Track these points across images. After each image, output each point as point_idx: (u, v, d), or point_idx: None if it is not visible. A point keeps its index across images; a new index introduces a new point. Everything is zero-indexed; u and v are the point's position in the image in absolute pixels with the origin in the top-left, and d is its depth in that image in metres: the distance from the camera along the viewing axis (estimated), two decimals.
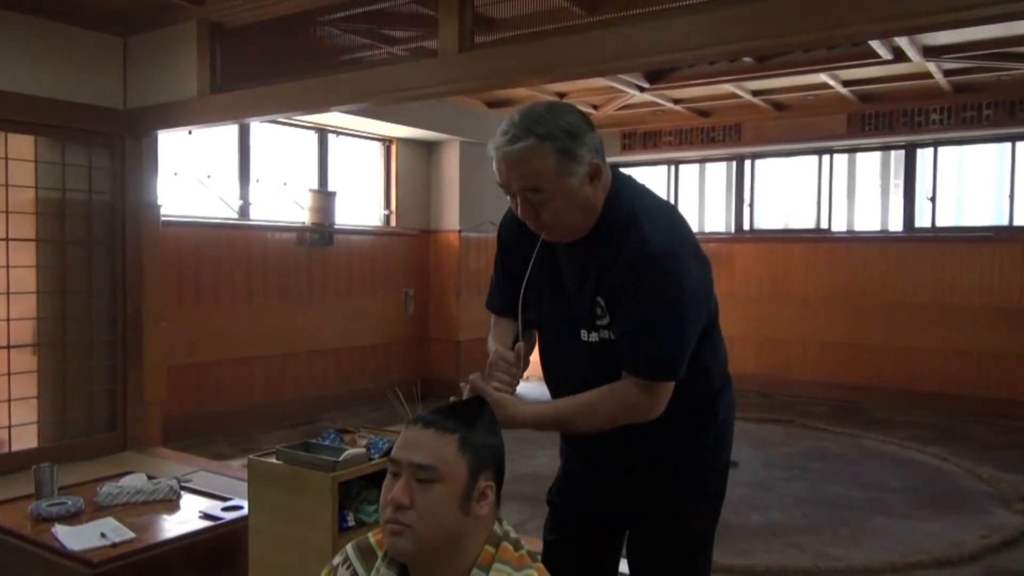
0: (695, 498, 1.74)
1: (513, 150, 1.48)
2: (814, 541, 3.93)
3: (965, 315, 6.88)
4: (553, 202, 1.51)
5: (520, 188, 1.52)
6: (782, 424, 6.52)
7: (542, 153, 1.47)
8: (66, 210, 4.42)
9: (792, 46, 4.15)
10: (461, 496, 1.23)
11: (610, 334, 1.58)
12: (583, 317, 1.60)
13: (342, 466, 2.29)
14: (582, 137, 1.50)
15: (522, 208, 1.55)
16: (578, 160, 1.49)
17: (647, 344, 1.52)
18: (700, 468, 1.73)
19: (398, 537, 1.22)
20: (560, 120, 1.49)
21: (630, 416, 1.55)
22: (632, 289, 1.51)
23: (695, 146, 8.03)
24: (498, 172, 1.54)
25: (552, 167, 1.48)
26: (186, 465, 4.23)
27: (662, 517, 1.72)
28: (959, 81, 6.27)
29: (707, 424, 1.71)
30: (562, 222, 1.55)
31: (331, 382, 6.74)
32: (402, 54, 4.27)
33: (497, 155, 1.52)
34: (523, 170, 1.49)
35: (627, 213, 1.56)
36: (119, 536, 2.55)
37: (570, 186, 1.50)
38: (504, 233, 1.78)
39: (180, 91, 4.37)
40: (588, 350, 1.60)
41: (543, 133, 1.47)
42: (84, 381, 4.53)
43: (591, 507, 1.79)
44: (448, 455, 1.24)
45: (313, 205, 6.45)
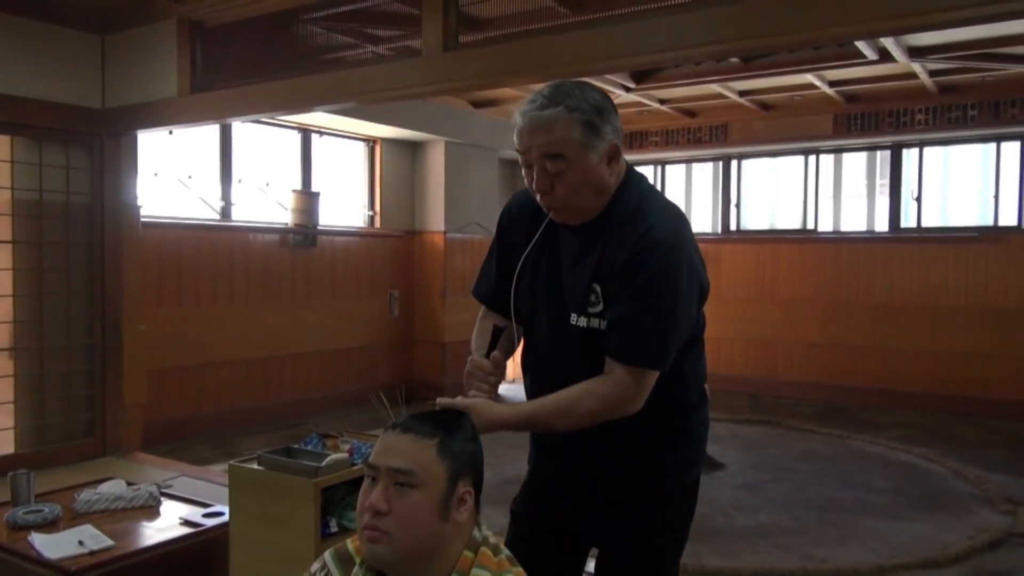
0: (665, 513, 1.72)
1: (541, 115, 1.51)
2: (801, 543, 3.93)
3: (951, 315, 6.92)
4: (570, 173, 1.53)
5: (540, 155, 1.53)
6: (769, 425, 6.54)
7: (569, 123, 1.50)
8: (43, 211, 4.35)
9: (778, 46, 4.15)
10: (440, 502, 1.22)
11: (599, 323, 1.57)
12: (576, 301, 1.60)
13: (324, 472, 2.27)
14: (607, 116, 1.54)
15: (538, 178, 1.55)
16: (601, 136, 1.53)
17: (639, 328, 1.53)
18: (671, 482, 1.72)
19: (376, 544, 1.21)
20: (589, 96, 1.53)
21: (610, 411, 1.53)
22: (632, 274, 1.52)
23: (681, 146, 8.05)
24: (519, 138, 1.55)
25: (576, 138, 1.51)
26: (166, 470, 4.18)
27: (631, 532, 1.69)
28: (944, 82, 6.31)
29: (681, 438, 1.70)
30: (574, 199, 1.56)
31: (314, 385, 6.69)
32: (386, 53, 4.24)
33: (523, 120, 1.53)
34: (547, 137, 1.51)
35: (636, 204, 1.59)
36: (97, 544, 2.53)
37: (589, 161, 1.53)
38: (508, 219, 1.77)
39: (160, 90, 4.31)
40: (575, 335, 1.60)
41: (572, 105, 1.51)
42: (62, 385, 4.46)
43: (556, 519, 1.76)
44: (427, 460, 1.23)
45: (296, 206, 6.41)
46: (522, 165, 1.59)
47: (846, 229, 7.75)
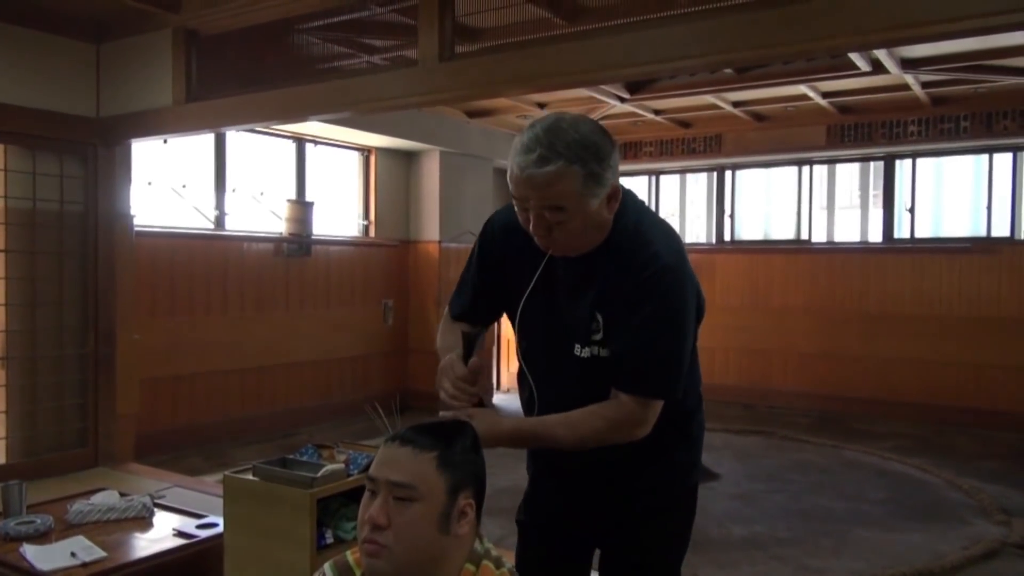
0: (667, 517, 1.72)
1: (540, 173, 1.42)
2: (796, 553, 3.93)
3: (944, 325, 6.94)
4: (572, 222, 1.48)
5: (539, 207, 1.47)
6: (763, 436, 6.54)
7: (570, 176, 1.43)
8: (36, 220, 4.33)
9: (772, 58, 4.17)
10: (440, 515, 1.21)
11: (600, 350, 1.55)
12: (578, 331, 1.57)
13: (320, 482, 2.25)
14: (608, 160, 1.47)
15: (535, 224, 1.50)
16: (602, 183, 1.47)
17: (650, 360, 1.51)
18: (674, 487, 1.73)
19: (376, 558, 1.20)
20: (588, 141, 1.44)
21: (618, 435, 1.53)
22: (639, 304, 1.50)
23: (676, 156, 8.06)
24: (515, 187, 1.48)
25: (577, 190, 1.44)
26: (159, 481, 4.16)
27: (634, 536, 1.70)
28: (937, 93, 6.34)
29: (680, 443, 1.70)
30: (575, 241, 1.52)
31: (308, 395, 6.66)
32: (382, 63, 4.25)
33: (521, 174, 1.45)
34: (548, 191, 1.44)
35: (633, 228, 1.55)
36: (90, 555, 2.51)
37: (590, 207, 1.47)
38: (494, 237, 1.71)
39: (155, 99, 4.31)
40: (579, 365, 1.58)
41: (572, 156, 1.42)
42: (54, 395, 4.43)
43: (561, 526, 1.76)
44: (426, 473, 1.21)
45: (290, 215, 6.39)
46: (516, 207, 1.54)
47: (839, 239, 7.78)
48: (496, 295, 1.72)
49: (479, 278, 1.73)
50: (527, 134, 1.46)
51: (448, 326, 1.77)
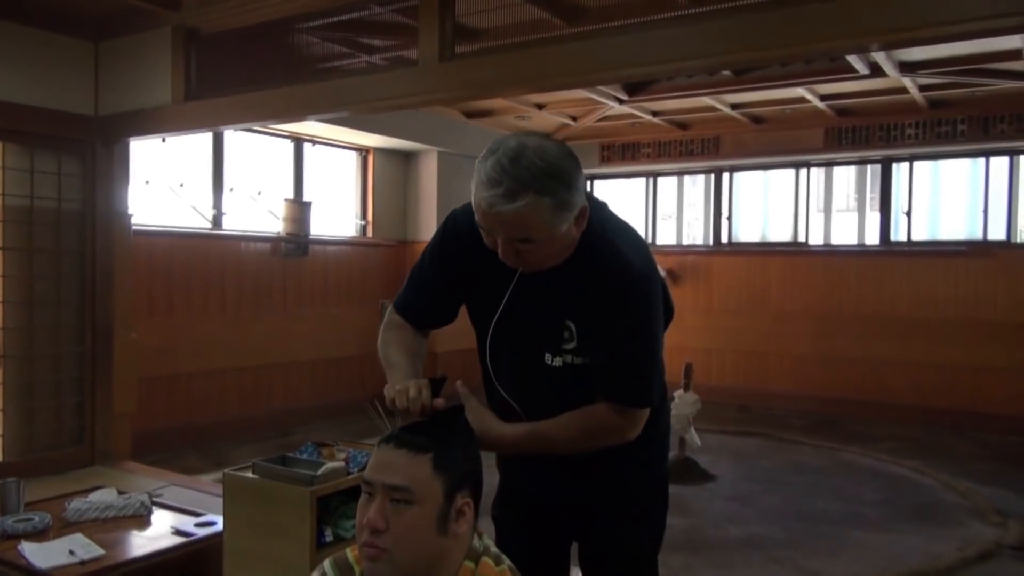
0: (641, 509, 1.75)
1: (509, 210, 1.37)
2: (793, 555, 3.92)
3: (940, 328, 6.95)
4: (542, 249, 1.46)
5: (507, 239, 1.44)
6: (760, 437, 6.53)
7: (539, 209, 1.39)
8: (34, 218, 4.32)
9: (770, 60, 4.18)
10: (437, 517, 1.21)
11: (573, 359, 1.56)
12: (548, 340, 1.57)
13: (320, 480, 2.25)
14: (576, 183, 1.43)
15: (503, 251, 1.46)
16: (571, 209, 1.44)
17: (632, 371, 1.54)
18: (646, 479, 1.75)
19: (375, 561, 1.20)
20: (554, 168, 1.39)
21: (610, 438, 1.56)
22: (617, 314, 1.50)
23: (673, 158, 8.06)
24: (482, 219, 1.43)
25: (547, 220, 1.41)
26: (157, 480, 4.14)
27: (609, 529, 1.72)
28: (934, 96, 6.35)
29: (651, 436, 1.69)
30: (545, 262, 1.51)
31: (306, 394, 6.65)
32: (381, 63, 4.25)
33: (489, 210, 1.39)
34: (516, 225, 1.40)
35: (600, 236, 1.53)
36: (88, 553, 2.51)
37: (559, 232, 1.45)
38: (457, 238, 1.63)
39: (153, 98, 4.30)
40: (552, 374, 1.57)
41: (540, 188, 1.37)
42: (51, 393, 4.42)
43: (536, 520, 1.77)
44: (422, 476, 1.21)
45: (288, 215, 6.39)
46: (483, 233, 1.48)
47: (836, 242, 7.81)
48: (456, 297, 1.69)
49: (440, 278, 1.68)
50: (490, 162, 1.39)
51: (395, 335, 1.69)
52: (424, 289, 1.70)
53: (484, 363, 1.67)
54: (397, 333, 1.69)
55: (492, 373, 1.65)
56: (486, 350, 1.65)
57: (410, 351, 1.65)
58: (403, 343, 1.67)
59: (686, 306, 7.80)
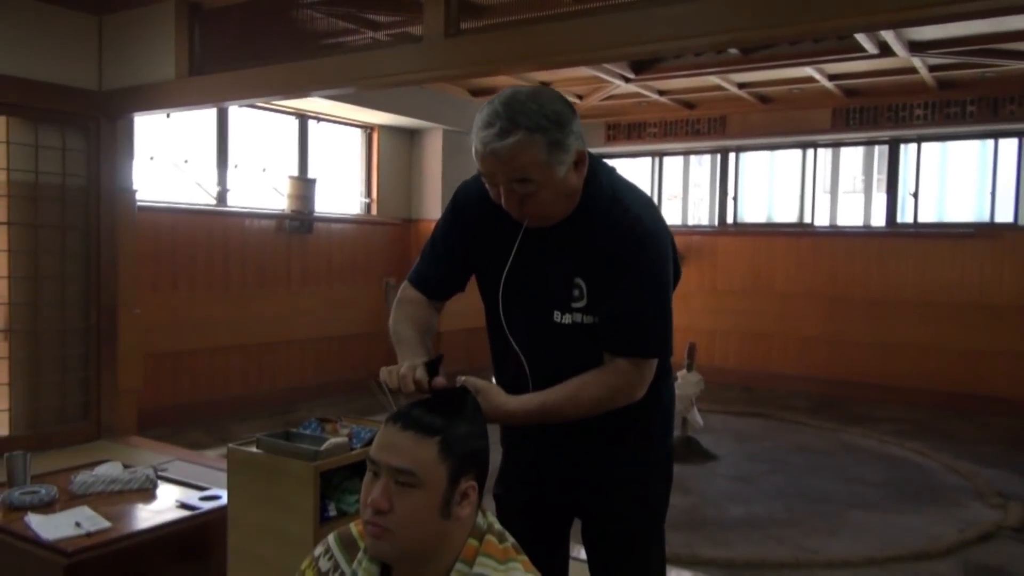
0: (644, 484, 1.73)
1: (503, 146, 1.43)
2: (793, 534, 3.94)
3: (945, 311, 6.93)
4: (540, 192, 1.48)
5: (507, 180, 1.48)
6: (763, 418, 6.53)
7: (532, 146, 1.43)
8: (39, 193, 4.32)
9: (779, 38, 4.15)
10: (441, 502, 1.21)
11: (583, 317, 1.56)
12: (557, 299, 1.58)
13: (324, 455, 2.24)
14: (569, 125, 1.48)
15: (506, 198, 1.51)
16: (566, 150, 1.47)
17: (644, 321, 1.54)
18: (650, 454, 1.74)
19: (379, 540, 1.20)
20: (547, 109, 1.45)
21: (618, 399, 1.55)
22: (627, 268, 1.51)
23: (680, 138, 8.02)
24: (481, 164, 1.50)
25: (543, 159, 1.45)
26: (162, 454, 4.16)
27: (612, 505, 1.71)
28: (944, 77, 6.29)
29: (653, 408, 1.69)
30: (547, 211, 1.53)
31: (309, 372, 6.67)
32: (385, 39, 4.20)
33: (484, 149, 1.46)
34: (513, 164, 1.45)
35: (608, 194, 1.56)
36: (94, 525, 2.50)
37: (557, 175, 1.48)
38: (467, 207, 1.68)
39: (157, 73, 4.28)
40: (562, 332, 1.58)
41: (533, 126, 1.43)
42: (57, 368, 4.44)
43: (538, 497, 1.76)
44: (427, 460, 1.20)
45: (293, 192, 6.38)
46: (486, 183, 1.54)
47: (842, 224, 7.75)
48: (469, 266, 1.71)
49: (454, 248, 1.70)
50: (486, 109, 1.47)
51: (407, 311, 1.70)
52: (438, 258, 1.72)
53: (498, 325, 1.67)
54: (409, 309, 1.70)
55: (507, 332, 1.65)
56: (499, 311, 1.64)
57: (420, 327, 1.66)
58: (414, 319, 1.68)
59: (691, 287, 7.79)
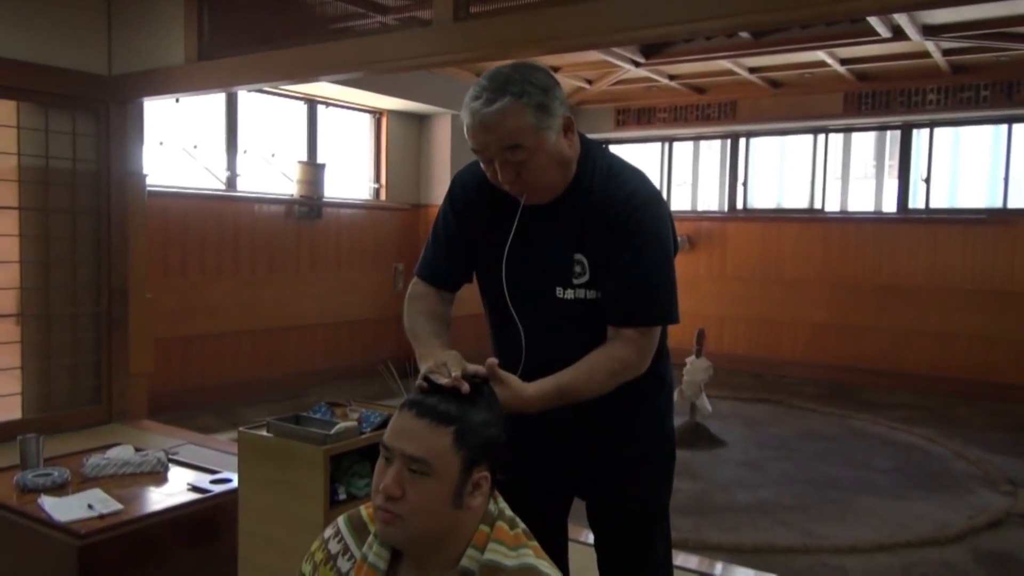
0: (649, 462, 1.74)
1: (491, 111, 1.48)
2: (802, 519, 3.95)
3: (957, 298, 6.89)
4: (534, 160, 1.52)
5: (499, 149, 1.51)
6: (772, 404, 6.53)
7: (519, 110, 1.48)
8: (49, 178, 4.33)
9: (791, 21, 4.10)
10: (453, 491, 1.20)
11: (586, 293, 1.58)
12: (558, 275, 1.60)
13: (334, 439, 2.24)
14: (553, 91, 1.52)
15: (501, 171, 1.54)
16: (552, 114, 1.51)
17: (648, 290, 1.56)
18: (651, 431, 1.74)
19: (389, 526, 1.20)
20: (530, 77, 1.51)
21: (627, 372, 1.56)
22: (628, 239, 1.54)
23: (690, 123, 7.97)
24: (473, 137, 1.53)
25: (530, 123, 1.49)
26: (173, 438, 4.20)
27: (617, 486, 1.72)
28: (957, 61, 6.24)
29: (655, 388, 1.71)
30: (542, 180, 1.55)
31: (318, 357, 6.69)
32: (394, 23, 4.18)
33: (473, 120, 1.50)
34: (501, 131, 1.49)
35: (604, 167, 1.60)
36: (106, 507, 2.49)
37: (548, 141, 1.52)
38: (464, 194, 1.71)
39: (167, 57, 4.28)
40: (563, 308, 1.60)
41: (517, 91, 1.48)
42: (68, 352, 4.46)
43: (542, 479, 1.76)
44: (441, 449, 1.19)
45: (302, 177, 6.38)
46: (481, 160, 1.57)
47: (853, 209, 7.69)
48: (473, 253, 1.72)
49: (456, 238, 1.72)
50: (473, 89, 1.52)
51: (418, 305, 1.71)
52: (441, 249, 1.74)
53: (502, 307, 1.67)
54: (420, 303, 1.72)
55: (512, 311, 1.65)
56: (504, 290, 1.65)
57: (434, 320, 1.68)
58: (426, 313, 1.69)
59: (700, 273, 7.78)
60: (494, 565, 1.20)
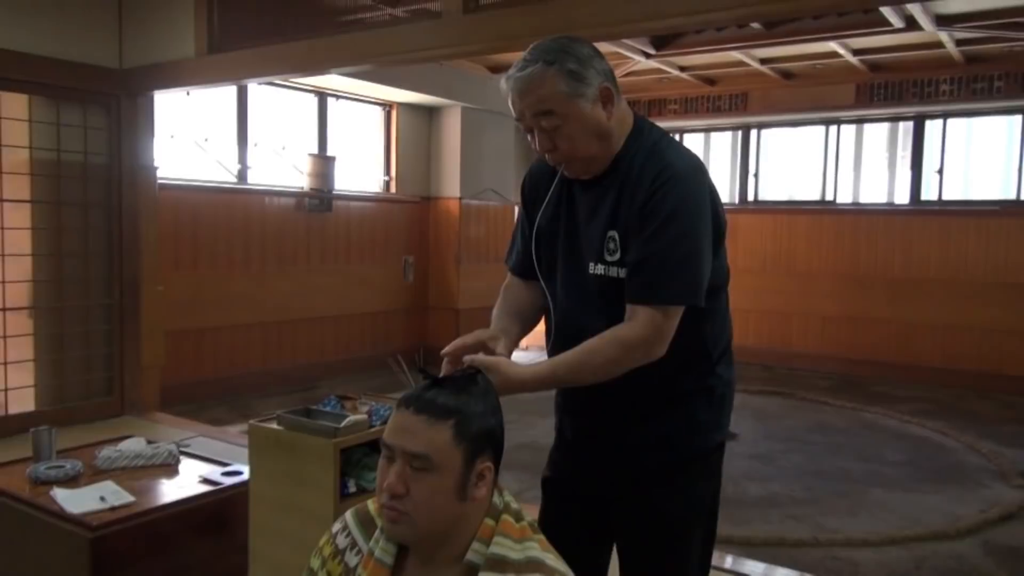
0: (685, 480, 1.65)
1: (522, 75, 1.50)
2: (812, 513, 3.93)
3: (969, 290, 6.83)
4: (567, 126, 1.52)
5: (532, 115, 1.53)
6: (783, 397, 6.50)
7: (550, 76, 1.49)
8: (61, 171, 4.35)
9: (802, 11, 4.07)
10: (457, 485, 1.20)
11: (618, 271, 1.54)
12: (593, 251, 1.59)
13: (344, 432, 2.24)
14: (590, 61, 1.52)
15: (539, 140, 1.55)
16: (586, 82, 1.51)
17: (663, 265, 1.49)
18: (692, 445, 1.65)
19: (396, 523, 1.20)
20: (567, 47, 1.52)
21: (636, 355, 1.49)
22: (653, 211, 1.50)
23: (701, 115, 7.94)
24: (512, 106, 1.55)
25: (562, 90, 1.50)
26: (184, 430, 4.21)
27: (645, 496, 1.64)
28: (971, 51, 6.17)
29: (699, 396, 1.63)
30: (579, 150, 1.55)
31: (329, 349, 6.70)
32: (404, 15, 4.17)
33: (509, 86, 1.53)
34: (533, 96, 1.51)
35: (650, 145, 1.58)
36: (118, 500, 2.50)
37: (581, 109, 1.51)
38: (527, 184, 1.77)
39: (177, 50, 4.29)
40: (592, 284, 1.58)
41: (550, 59, 1.50)
42: (81, 345, 4.49)
43: (584, 486, 1.72)
44: (442, 444, 1.19)
45: (312, 170, 6.37)
46: (524, 132, 1.60)
47: (866, 201, 7.64)
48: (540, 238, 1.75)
49: (526, 226, 1.76)
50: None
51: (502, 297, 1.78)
52: (518, 238, 1.79)
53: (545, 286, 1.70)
54: (503, 296, 1.78)
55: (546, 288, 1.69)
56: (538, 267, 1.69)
57: (510, 311, 1.73)
58: (504, 305, 1.75)
59: None
60: (500, 558, 1.20)
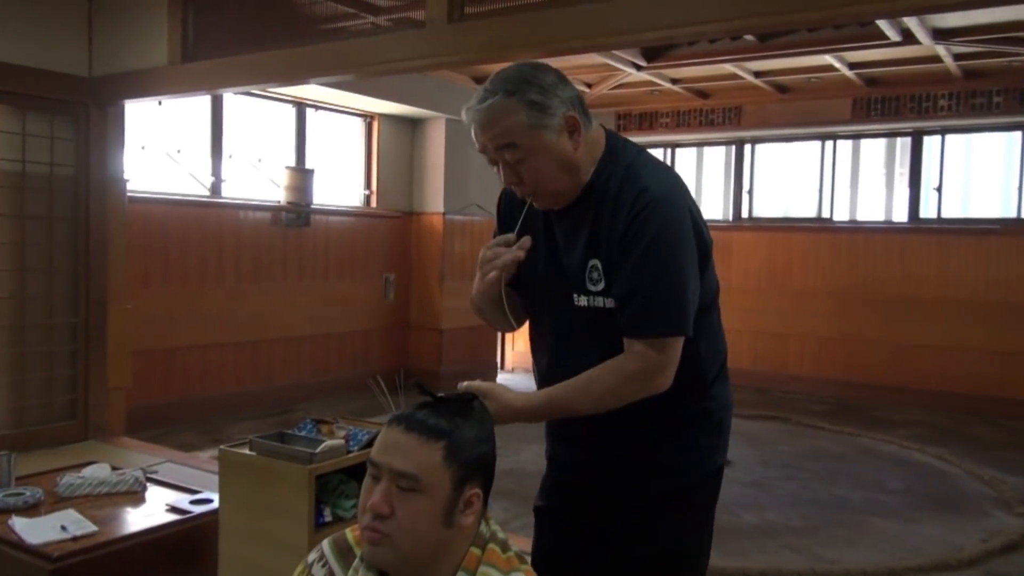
0: (683, 505, 1.64)
1: (483, 108, 1.48)
2: (809, 543, 3.90)
3: (969, 310, 6.82)
4: (531, 159, 1.49)
5: (495, 148, 1.50)
6: (778, 422, 6.46)
7: (511, 107, 1.46)
8: (26, 183, 4.25)
9: (797, 24, 4.05)
10: (444, 510, 1.18)
11: (603, 301, 1.53)
12: (576, 281, 1.57)
13: (320, 458, 2.25)
14: (552, 90, 1.49)
15: (504, 173, 1.54)
16: (549, 112, 1.48)
17: (653, 298, 1.47)
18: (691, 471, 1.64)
19: (377, 546, 1.18)
20: (529, 75, 1.49)
21: (637, 387, 1.48)
22: (634, 240, 1.48)
23: (693, 129, 7.93)
24: (474, 139, 1.54)
25: (523, 121, 1.47)
26: (151, 455, 4.14)
27: (641, 525, 1.63)
28: (969, 66, 6.18)
29: (697, 420, 1.63)
30: (545, 182, 1.52)
31: (305, 371, 6.60)
32: (386, 24, 4.14)
33: (470, 118, 1.52)
34: (495, 129, 1.48)
35: (624, 168, 1.54)
36: (80, 529, 2.48)
37: (546, 140, 1.48)
38: (501, 205, 1.76)
39: (149, 58, 4.20)
40: (579, 316, 1.57)
41: (511, 88, 1.47)
42: (43, 365, 4.37)
43: (578, 514, 1.70)
44: (431, 465, 1.18)
45: (289, 183, 6.28)
46: (490, 164, 1.57)
47: (863, 219, 7.64)
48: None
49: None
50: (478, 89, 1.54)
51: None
52: None
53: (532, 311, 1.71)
54: None
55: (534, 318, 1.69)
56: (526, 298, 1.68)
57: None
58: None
59: None
60: None
